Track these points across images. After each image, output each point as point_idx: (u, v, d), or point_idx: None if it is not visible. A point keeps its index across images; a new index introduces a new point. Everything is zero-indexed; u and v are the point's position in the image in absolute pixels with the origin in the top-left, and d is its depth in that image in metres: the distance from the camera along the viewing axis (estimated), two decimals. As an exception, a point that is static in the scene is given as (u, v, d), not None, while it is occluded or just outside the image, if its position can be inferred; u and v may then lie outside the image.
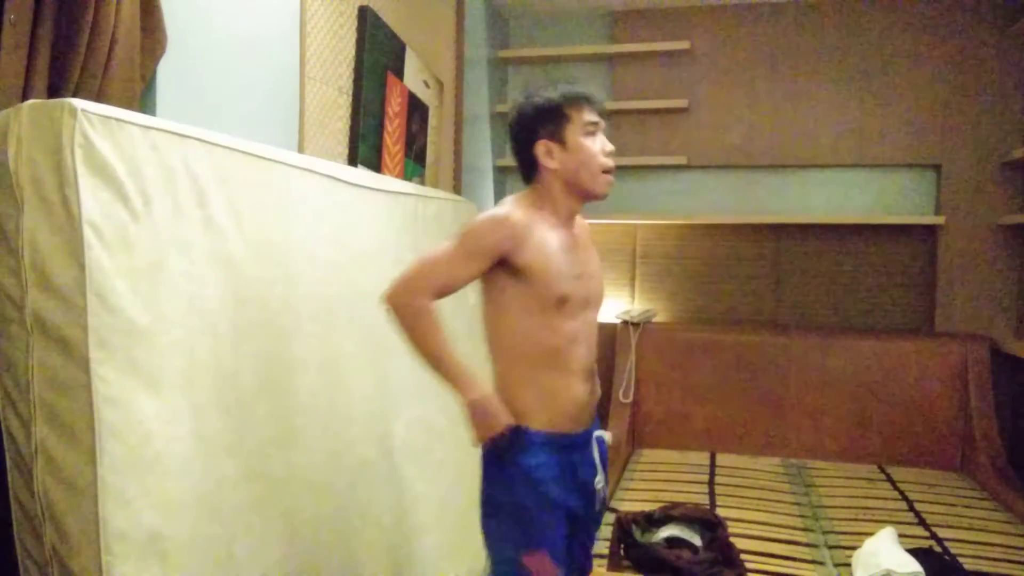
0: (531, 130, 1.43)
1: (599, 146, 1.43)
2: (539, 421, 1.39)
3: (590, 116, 1.42)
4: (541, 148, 1.42)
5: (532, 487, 1.38)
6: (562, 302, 1.38)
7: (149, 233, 1.14)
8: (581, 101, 1.42)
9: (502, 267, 1.37)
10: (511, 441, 1.38)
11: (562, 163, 1.41)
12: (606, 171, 1.42)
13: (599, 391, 1.51)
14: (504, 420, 1.37)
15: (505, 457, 1.39)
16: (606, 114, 1.46)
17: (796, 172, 3.39)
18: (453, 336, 2.20)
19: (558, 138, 1.42)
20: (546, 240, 1.38)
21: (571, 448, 1.43)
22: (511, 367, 1.42)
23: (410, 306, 1.37)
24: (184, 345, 1.18)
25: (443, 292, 1.38)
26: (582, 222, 1.53)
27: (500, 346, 1.44)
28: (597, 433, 1.48)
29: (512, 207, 1.39)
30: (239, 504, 1.24)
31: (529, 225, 1.37)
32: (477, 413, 1.37)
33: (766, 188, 3.42)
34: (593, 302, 1.47)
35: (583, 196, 1.44)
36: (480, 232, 1.37)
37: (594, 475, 1.46)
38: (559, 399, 1.40)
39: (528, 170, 1.47)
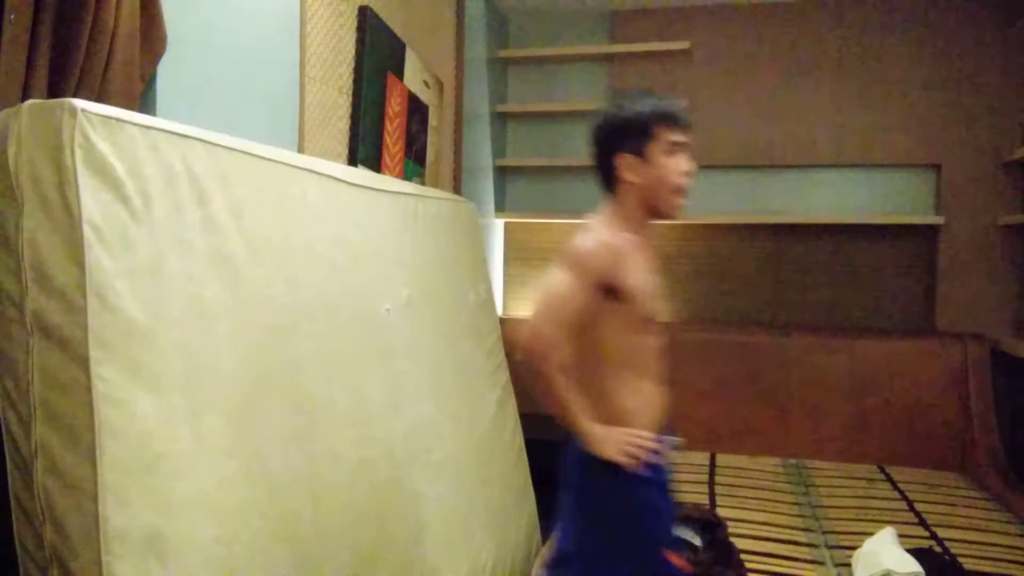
0: (615, 141, 1.45)
1: (680, 166, 1.43)
2: (643, 427, 1.47)
3: (676, 135, 1.42)
4: (622, 161, 1.44)
5: (657, 488, 1.48)
6: (648, 321, 1.47)
7: (149, 233, 1.14)
8: (669, 119, 1.42)
9: (603, 287, 1.43)
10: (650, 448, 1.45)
11: (641, 178, 1.43)
12: (679, 191, 1.43)
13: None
14: (623, 437, 1.43)
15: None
16: (689, 127, 1.46)
17: (796, 172, 3.39)
18: (454, 335, 2.21)
19: (640, 153, 1.43)
20: (638, 262, 1.45)
21: (662, 454, 1.52)
22: (615, 376, 1.47)
23: (549, 347, 1.41)
24: (184, 345, 1.18)
25: (569, 324, 1.43)
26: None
27: (604, 358, 1.48)
28: (671, 437, 1.54)
29: (604, 230, 1.44)
30: (239, 504, 1.24)
31: (627, 248, 1.43)
32: (605, 445, 1.44)
33: (766, 188, 3.42)
34: (659, 317, 1.53)
35: (655, 214, 1.47)
36: (590, 262, 1.41)
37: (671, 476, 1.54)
38: (652, 407, 1.49)
39: (606, 179, 1.49)
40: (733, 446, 3.09)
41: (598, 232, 1.45)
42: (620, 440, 1.45)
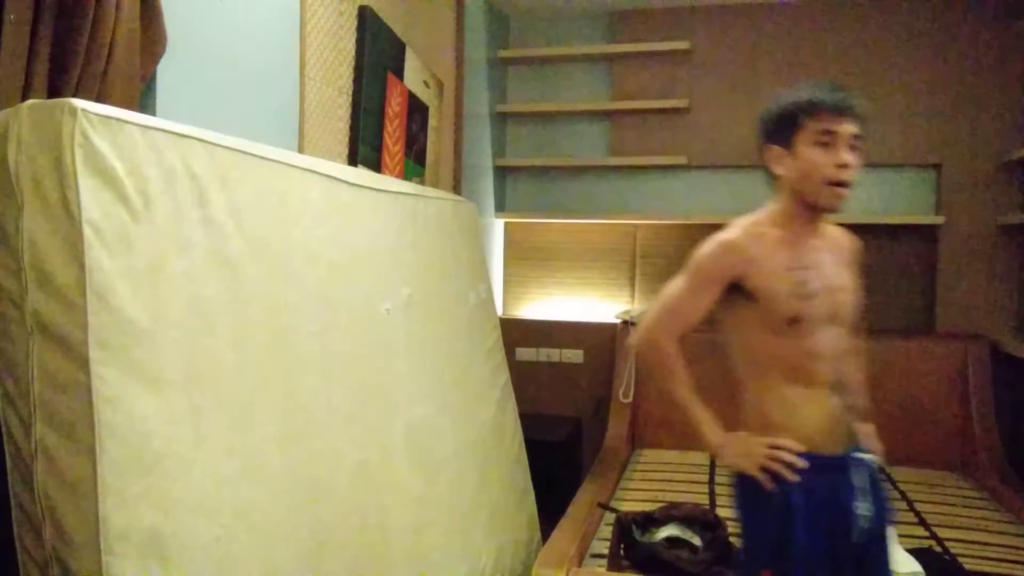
0: (767, 134, 1.42)
1: (831, 157, 1.33)
2: (787, 437, 1.38)
3: (826, 124, 1.33)
4: (770, 153, 1.41)
5: (791, 518, 1.35)
6: (794, 322, 1.36)
7: (149, 233, 1.14)
8: (818, 107, 1.34)
9: (734, 287, 1.39)
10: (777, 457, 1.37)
11: (789, 171, 1.39)
12: (834, 183, 1.34)
13: (860, 408, 1.44)
14: (757, 449, 1.37)
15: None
16: (852, 116, 1.34)
17: (796, 172, 3.38)
18: (454, 335, 2.21)
19: (787, 144, 1.38)
20: (773, 261, 1.37)
21: (824, 469, 1.37)
22: (753, 382, 1.43)
23: (655, 355, 1.46)
24: (184, 345, 1.18)
25: (686, 330, 1.44)
26: (839, 234, 1.48)
27: (745, 361, 1.45)
28: (860, 455, 1.40)
29: (739, 227, 1.41)
30: (239, 504, 1.24)
31: (754, 247, 1.37)
32: (726, 455, 1.42)
33: (766, 188, 3.41)
34: (840, 317, 1.40)
35: (811, 207, 1.39)
36: (706, 263, 1.40)
37: (853, 500, 1.37)
38: (803, 413, 1.38)
39: (767, 173, 1.46)
40: (733, 446, 3.08)
41: (729, 230, 1.41)
42: (742, 448, 1.39)
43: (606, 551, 2.04)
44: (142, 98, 1.36)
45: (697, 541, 2.02)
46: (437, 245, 2.23)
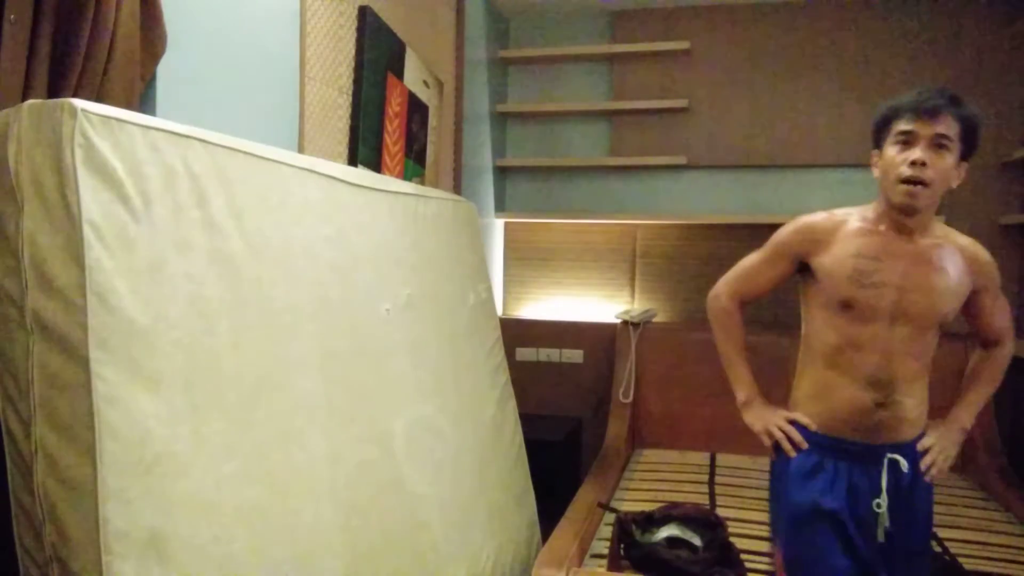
0: (872, 138, 1.50)
1: (905, 155, 1.39)
2: (810, 415, 1.49)
3: (904, 125, 1.40)
4: (873, 156, 1.48)
5: (786, 480, 1.50)
6: (846, 306, 1.45)
7: (149, 233, 1.14)
8: (899, 110, 1.42)
9: (806, 267, 1.51)
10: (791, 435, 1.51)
11: (878, 170, 1.46)
12: (904, 180, 1.39)
13: (903, 411, 1.46)
14: (771, 419, 1.52)
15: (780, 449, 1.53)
16: (934, 118, 1.38)
17: (796, 172, 3.39)
18: (454, 335, 2.21)
19: (879, 146, 1.46)
20: (846, 245, 1.46)
21: (844, 454, 1.45)
22: (802, 356, 1.55)
23: (715, 307, 1.66)
24: (184, 345, 1.18)
25: (749, 294, 1.63)
26: (956, 245, 1.49)
27: (803, 338, 1.57)
28: (892, 456, 1.45)
29: (826, 212, 1.51)
30: (239, 504, 1.24)
31: (833, 230, 1.48)
32: (747, 414, 1.58)
33: (766, 188, 3.42)
34: (907, 317, 1.44)
35: (892, 206, 1.44)
36: (781, 237, 1.56)
37: (874, 496, 1.43)
38: (831, 398, 1.46)
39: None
40: (733, 446, 3.08)
41: (816, 213, 1.53)
42: (760, 412, 1.54)
43: (606, 551, 2.04)
44: (142, 98, 1.36)
45: (697, 541, 2.02)
46: (437, 245, 2.22)
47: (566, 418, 3.31)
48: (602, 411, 3.28)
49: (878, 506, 1.42)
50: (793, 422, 1.53)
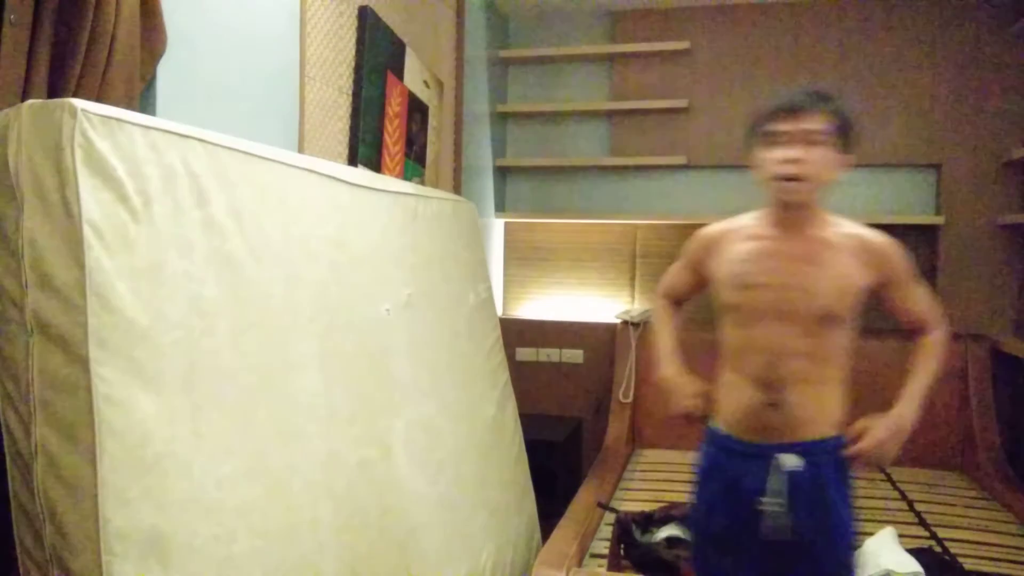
0: (747, 144, 1.52)
1: (778, 154, 1.41)
2: (719, 416, 1.53)
3: (775, 126, 1.43)
4: (751, 160, 1.50)
5: (697, 472, 1.56)
6: (732, 309, 1.50)
7: (149, 233, 1.14)
8: (770, 113, 1.45)
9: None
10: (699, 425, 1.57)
11: (757, 173, 1.48)
12: (780, 178, 1.41)
13: (798, 411, 1.43)
14: (681, 401, 1.58)
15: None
16: (802, 115, 1.42)
17: (796, 172, 3.38)
18: (454, 335, 2.21)
19: (755, 147, 1.48)
20: (730, 250, 1.51)
21: (736, 455, 1.47)
22: (719, 361, 1.56)
23: (653, 299, 1.82)
24: (184, 345, 1.18)
25: (671, 294, 1.72)
26: (849, 235, 1.50)
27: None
28: (780, 456, 1.42)
29: (730, 220, 1.57)
30: (239, 504, 1.24)
31: (720, 238, 1.55)
32: (663, 390, 1.63)
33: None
34: (786, 316, 1.42)
35: (774, 204, 1.48)
36: (686, 246, 1.65)
37: (759, 493, 1.41)
38: (730, 400, 1.50)
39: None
40: (733, 446, 3.08)
41: (716, 224, 1.59)
42: (676, 389, 1.59)
43: (606, 551, 2.04)
44: (142, 98, 1.36)
45: (697, 541, 2.02)
46: (437, 245, 2.22)
47: (566, 418, 3.31)
48: (602, 411, 3.28)
49: (761, 504, 1.40)
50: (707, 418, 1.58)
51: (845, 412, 1.51)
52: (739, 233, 1.52)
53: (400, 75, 2.41)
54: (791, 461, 1.41)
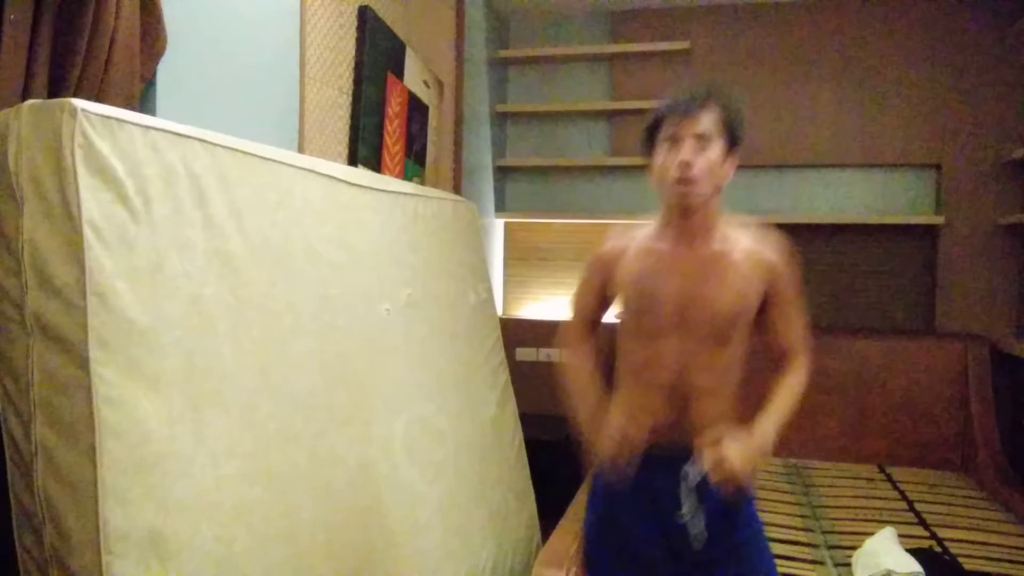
0: (645, 146, 1.44)
1: (672, 157, 1.36)
2: (618, 427, 1.43)
3: (668, 128, 1.37)
4: (648, 164, 1.44)
5: (592, 499, 1.52)
6: (633, 323, 1.47)
7: (149, 233, 1.14)
8: (661, 116, 1.39)
9: None
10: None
11: (651, 175, 1.42)
12: (677, 181, 1.35)
13: (700, 424, 1.41)
14: (615, 438, 1.43)
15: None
16: (692, 116, 1.36)
17: (796, 172, 3.39)
18: (454, 335, 2.21)
19: (650, 151, 1.42)
20: (629, 265, 1.46)
21: (642, 468, 1.42)
22: (619, 377, 1.53)
23: (564, 353, 1.70)
24: (184, 345, 1.18)
25: (583, 321, 1.65)
26: (744, 244, 1.44)
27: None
28: (687, 468, 1.41)
29: (616, 235, 1.50)
30: (239, 504, 1.24)
31: (619, 254, 1.48)
32: (582, 424, 1.57)
33: (766, 188, 3.42)
34: (690, 329, 1.40)
35: (668, 209, 1.42)
36: (585, 265, 1.57)
37: (675, 507, 1.41)
38: (632, 421, 1.43)
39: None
40: (733, 446, 3.08)
41: (608, 239, 1.51)
42: (606, 430, 1.46)
43: (606, 551, 2.04)
44: (142, 98, 1.36)
45: (697, 541, 2.02)
46: (437, 245, 2.22)
47: (566, 418, 3.30)
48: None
49: (680, 517, 1.40)
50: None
51: (737, 418, 1.47)
52: (638, 248, 1.46)
53: (400, 75, 2.41)
54: (690, 470, 1.41)
